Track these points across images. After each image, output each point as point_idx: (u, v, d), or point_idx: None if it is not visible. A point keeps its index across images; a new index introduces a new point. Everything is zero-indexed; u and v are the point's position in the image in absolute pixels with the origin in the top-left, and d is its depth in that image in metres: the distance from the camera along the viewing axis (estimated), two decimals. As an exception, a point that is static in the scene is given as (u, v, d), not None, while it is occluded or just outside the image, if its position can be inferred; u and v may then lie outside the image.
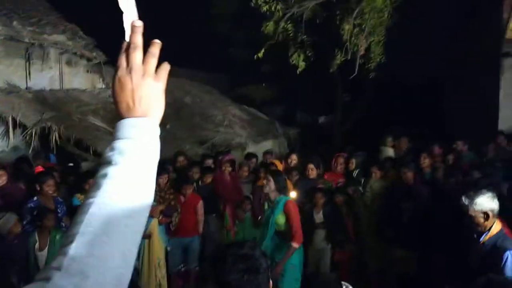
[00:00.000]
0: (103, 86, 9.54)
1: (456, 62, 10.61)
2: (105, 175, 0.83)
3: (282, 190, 4.69)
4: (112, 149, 0.86)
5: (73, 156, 7.15)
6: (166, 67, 0.95)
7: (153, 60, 0.92)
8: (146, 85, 0.90)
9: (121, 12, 0.93)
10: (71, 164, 7.02)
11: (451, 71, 10.98)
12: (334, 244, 5.84)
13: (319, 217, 5.87)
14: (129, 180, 0.84)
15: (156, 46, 0.93)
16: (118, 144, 0.86)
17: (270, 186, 4.67)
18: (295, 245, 4.47)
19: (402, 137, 7.21)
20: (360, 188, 6.23)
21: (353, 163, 6.79)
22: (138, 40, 0.91)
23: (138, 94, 0.89)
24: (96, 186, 0.83)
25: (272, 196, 4.70)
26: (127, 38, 0.91)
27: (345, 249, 5.96)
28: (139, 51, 0.91)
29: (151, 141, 0.89)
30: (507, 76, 8.32)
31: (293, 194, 5.91)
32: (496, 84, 8.40)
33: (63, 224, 5.06)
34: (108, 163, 0.85)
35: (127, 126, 0.88)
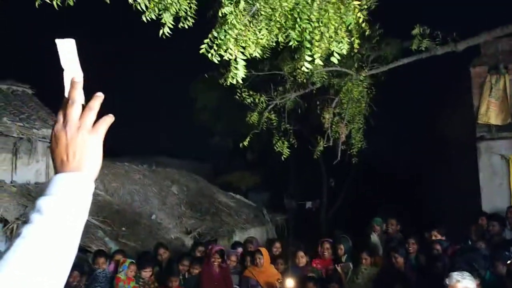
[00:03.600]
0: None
1: (435, 148, 11.01)
2: (18, 235, 0.79)
3: None
4: (34, 207, 0.82)
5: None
6: (106, 120, 0.91)
7: (90, 113, 0.89)
8: (81, 139, 0.87)
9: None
10: None
11: (431, 157, 11.33)
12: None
13: (311, 308, 5.68)
14: (43, 239, 0.79)
15: (96, 100, 0.90)
16: (40, 201, 0.82)
17: None
18: None
19: (391, 219, 7.21)
20: (350, 264, 6.13)
21: (342, 249, 6.71)
22: (76, 95, 0.89)
23: (72, 149, 0.86)
24: (8, 247, 0.78)
25: None
26: (66, 94, 0.89)
27: None
28: (77, 106, 0.88)
29: (78, 196, 0.85)
30: (484, 159, 8.61)
31: (289, 283, 5.75)
32: (475, 168, 8.65)
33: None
34: (26, 222, 0.81)
35: (54, 182, 0.85)
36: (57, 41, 0.91)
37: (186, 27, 4.39)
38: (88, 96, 0.93)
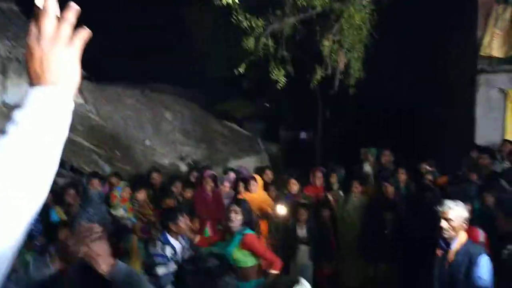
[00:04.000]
0: (81, 101, 9.40)
1: (434, 80, 10.84)
2: None
3: (248, 223, 4.01)
4: (9, 119, 0.81)
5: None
6: (82, 33, 0.88)
7: (65, 26, 0.85)
8: (56, 53, 0.84)
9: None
10: None
11: (429, 89, 11.21)
12: (318, 260, 5.81)
13: (302, 232, 5.86)
14: (17, 151, 0.78)
15: (71, 11, 0.86)
16: (16, 113, 0.81)
17: (238, 219, 3.96)
18: (275, 272, 3.97)
19: (384, 151, 7.27)
20: (340, 192, 6.26)
21: (334, 177, 6.83)
22: (50, 5, 0.85)
23: (47, 62, 0.84)
24: None
25: (235, 228, 3.98)
26: (38, 4, 0.85)
27: (328, 266, 5.94)
28: (51, 17, 0.85)
29: (54, 110, 0.83)
30: (482, 92, 8.52)
31: (281, 209, 5.90)
32: (472, 100, 8.59)
33: (37, 244, 4.91)
34: (1, 133, 0.80)
35: (30, 95, 0.83)
36: None
37: None
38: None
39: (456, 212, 3.30)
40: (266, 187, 6.65)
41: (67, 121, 0.85)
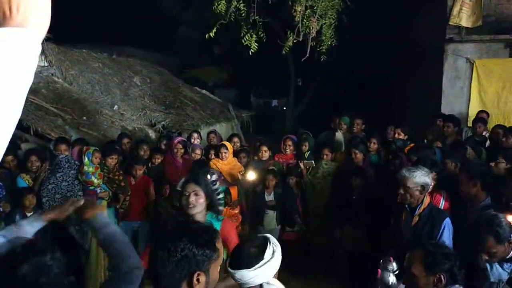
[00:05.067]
0: (45, 64, 9.03)
1: (403, 49, 10.94)
2: None
3: (213, 209, 3.02)
4: None
5: (12, 137, 6.75)
6: None
7: None
8: None
9: None
10: None
11: (398, 58, 11.32)
12: (284, 223, 5.94)
13: (270, 198, 5.95)
14: None
15: None
16: None
17: (200, 202, 2.89)
18: None
19: (357, 119, 7.36)
20: (313, 162, 6.33)
21: (306, 145, 6.90)
22: None
23: (15, 1, 0.78)
24: None
25: (201, 217, 2.89)
26: None
27: (294, 229, 6.08)
28: None
29: (21, 54, 0.77)
30: (450, 61, 8.67)
31: (251, 175, 5.94)
32: (440, 70, 8.74)
33: (1, 209, 4.81)
34: None
35: None
36: None
37: None
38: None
39: (412, 179, 3.40)
40: (235, 154, 6.66)
41: (34, 66, 0.79)
